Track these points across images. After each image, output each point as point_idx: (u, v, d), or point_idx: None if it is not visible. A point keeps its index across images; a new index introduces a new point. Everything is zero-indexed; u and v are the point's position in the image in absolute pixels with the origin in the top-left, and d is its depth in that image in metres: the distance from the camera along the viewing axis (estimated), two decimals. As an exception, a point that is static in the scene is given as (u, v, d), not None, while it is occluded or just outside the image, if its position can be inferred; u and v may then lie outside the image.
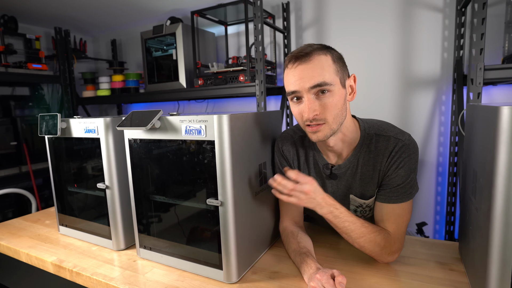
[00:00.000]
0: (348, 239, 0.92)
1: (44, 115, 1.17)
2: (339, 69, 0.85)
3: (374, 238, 0.89)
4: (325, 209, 0.88)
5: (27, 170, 2.37)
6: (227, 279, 0.88)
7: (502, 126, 0.59)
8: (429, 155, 1.96)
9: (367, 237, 0.88)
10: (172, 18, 2.45)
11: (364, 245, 0.90)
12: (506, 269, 0.62)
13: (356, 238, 0.89)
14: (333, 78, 0.83)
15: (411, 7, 1.90)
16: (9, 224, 1.39)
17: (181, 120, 0.87)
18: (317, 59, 0.83)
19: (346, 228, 0.89)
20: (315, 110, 0.83)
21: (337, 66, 0.85)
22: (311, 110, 0.83)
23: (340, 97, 0.85)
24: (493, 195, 0.62)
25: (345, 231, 0.90)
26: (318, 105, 0.83)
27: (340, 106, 0.85)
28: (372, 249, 0.90)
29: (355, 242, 0.91)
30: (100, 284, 0.93)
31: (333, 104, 0.84)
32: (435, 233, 2.01)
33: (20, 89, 2.71)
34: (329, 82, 0.82)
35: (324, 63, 0.83)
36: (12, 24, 2.47)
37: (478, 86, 1.33)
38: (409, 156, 0.89)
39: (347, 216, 0.89)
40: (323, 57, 0.83)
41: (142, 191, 1.01)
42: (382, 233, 0.90)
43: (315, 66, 0.82)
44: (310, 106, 0.83)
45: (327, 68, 0.83)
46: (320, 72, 0.82)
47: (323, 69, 0.82)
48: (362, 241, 0.89)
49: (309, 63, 0.82)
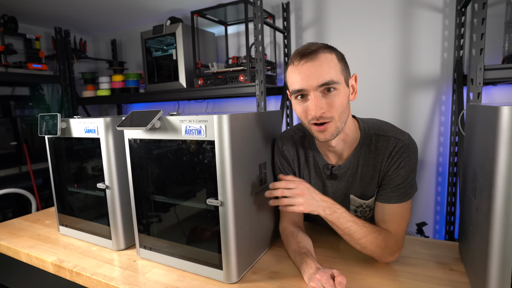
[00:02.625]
0: (349, 241, 0.92)
1: (44, 115, 1.17)
2: (344, 68, 0.86)
3: (376, 239, 0.88)
4: (328, 210, 0.88)
5: (27, 170, 2.37)
6: (227, 279, 0.88)
7: (502, 126, 0.59)
8: (429, 155, 1.96)
9: (369, 237, 0.88)
10: (172, 18, 2.45)
11: (366, 245, 0.89)
12: (506, 269, 0.62)
13: (359, 239, 0.89)
14: (339, 77, 0.83)
15: (411, 7, 1.90)
16: (9, 224, 1.39)
17: (181, 120, 0.87)
18: (324, 57, 0.82)
19: (348, 229, 0.89)
20: (322, 108, 0.82)
21: (341, 65, 0.85)
22: (318, 108, 0.82)
23: (345, 96, 0.85)
24: (493, 195, 0.62)
25: (348, 232, 0.89)
26: (324, 103, 0.83)
27: (345, 105, 0.86)
28: (374, 249, 0.90)
29: (357, 244, 0.90)
30: (100, 284, 0.93)
31: (339, 102, 0.84)
32: (435, 233, 2.01)
33: (20, 89, 2.71)
34: (336, 81, 0.82)
35: (330, 61, 0.82)
36: (12, 24, 2.47)
37: (478, 86, 1.33)
38: (409, 156, 0.89)
39: (349, 216, 0.89)
40: (329, 56, 0.83)
41: (142, 191, 1.01)
42: (383, 233, 0.90)
43: (322, 64, 0.82)
44: (317, 104, 0.82)
45: (334, 66, 0.83)
46: (328, 70, 0.81)
47: (330, 67, 0.82)
48: (364, 241, 0.89)
49: (316, 60, 0.82)
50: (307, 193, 0.88)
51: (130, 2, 2.31)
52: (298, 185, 0.89)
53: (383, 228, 0.92)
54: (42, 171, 2.46)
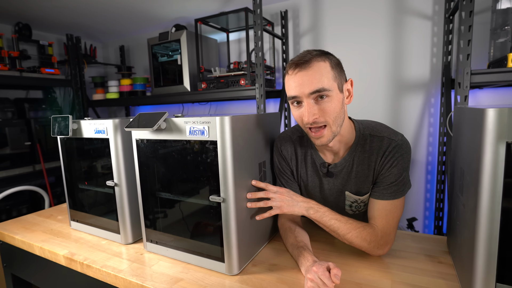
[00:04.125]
0: (337, 236, 0.93)
1: (57, 116, 1.17)
2: (337, 75, 0.85)
3: (360, 233, 0.89)
4: (311, 210, 0.92)
5: (41, 169, 2.37)
6: (228, 271, 0.88)
7: (488, 127, 0.59)
8: (419, 155, 1.96)
9: (353, 232, 0.89)
10: (177, 25, 2.45)
11: (352, 240, 0.90)
12: (492, 261, 0.62)
13: (344, 235, 0.90)
14: (331, 84, 0.83)
15: (402, 15, 1.90)
16: (24, 220, 1.39)
17: (185, 121, 0.87)
18: (316, 66, 0.83)
19: (333, 226, 0.91)
20: (314, 114, 0.84)
21: (335, 72, 0.85)
22: (310, 114, 0.84)
23: (338, 101, 0.85)
24: (479, 192, 0.62)
25: (333, 228, 0.91)
26: (317, 109, 0.84)
27: (338, 110, 0.86)
28: (360, 243, 0.90)
29: (344, 239, 0.91)
30: (109, 276, 0.93)
31: (331, 108, 0.84)
32: (425, 228, 2.01)
33: (34, 92, 2.71)
34: (327, 88, 0.82)
35: (322, 69, 0.83)
36: (26, 31, 2.47)
37: (465, 89, 1.33)
38: (402, 155, 0.89)
39: (332, 214, 0.91)
40: (322, 64, 0.83)
41: (148, 188, 1.01)
42: (367, 228, 0.90)
43: (314, 72, 0.82)
44: (309, 111, 0.84)
45: (326, 74, 0.83)
46: (319, 79, 0.82)
47: (322, 76, 0.82)
48: (349, 237, 0.90)
49: (309, 70, 0.83)
50: (286, 195, 0.94)
51: (137, 11, 2.31)
52: (277, 189, 0.94)
53: (371, 223, 0.92)
54: (55, 169, 2.45)
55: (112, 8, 2.23)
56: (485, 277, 0.64)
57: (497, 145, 0.59)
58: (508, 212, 0.60)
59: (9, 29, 2.49)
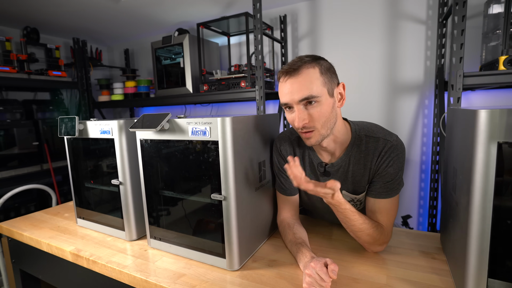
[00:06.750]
0: (346, 228, 0.92)
1: (63, 117, 1.17)
2: (327, 80, 0.85)
3: (372, 233, 0.89)
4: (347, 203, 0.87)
5: (48, 168, 2.37)
6: (229, 266, 0.88)
7: (480, 127, 0.59)
8: (414, 154, 1.96)
9: (366, 232, 0.89)
10: (180, 29, 2.45)
11: (360, 236, 0.90)
12: (483, 257, 0.62)
13: (356, 232, 0.90)
14: (320, 90, 0.83)
15: (397, 19, 1.90)
16: (32, 217, 1.39)
17: (188, 122, 0.87)
18: (305, 73, 0.83)
19: (352, 221, 0.88)
20: (304, 120, 0.84)
21: (324, 78, 0.84)
22: (300, 120, 0.84)
23: (327, 106, 0.85)
24: (471, 190, 0.62)
25: (351, 223, 0.88)
26: (306, 114, 0.84)
27: (328, 114, 0.85)
28: (366, 239, 0.90)
29: (354, 235, 0.92)
30: (114, 271, 0.93)
31: (320, 113, 0.84)
32: (419, 225, 2.01)
33: (42, 94, 2.71)
34: (315, 95, 0.82)
35: (312, 76, 0.83)
36: (34, 35, 2.47)
37: (458, 91, 1.33)
38: (397, 155, 0.89)
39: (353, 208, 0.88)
40: (311, 71, 0.83)
41: (152, 187, 1.01)
42: (379, 229, 0.90)
43: (304, 80, 0.82)
44: (299, 116, 0.84)
45: (315, 81, 0.83)
46: (308, 86, 0.82)
47: (311, 83, 0.82)
48: (360, 234, 0.90)
49: (298, 77, 0.83)
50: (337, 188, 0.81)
51: (141, 16, 2.31)
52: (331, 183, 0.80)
53: (378, 223, 0.92)
54: (62, 168, 2.45)
55: (117, 13, 2.23)
56: (477, 273, 0.64)
57: (488, 145, 0.59)
58: (499, 209, 0.60)
59: (17, 33, 2.48)
